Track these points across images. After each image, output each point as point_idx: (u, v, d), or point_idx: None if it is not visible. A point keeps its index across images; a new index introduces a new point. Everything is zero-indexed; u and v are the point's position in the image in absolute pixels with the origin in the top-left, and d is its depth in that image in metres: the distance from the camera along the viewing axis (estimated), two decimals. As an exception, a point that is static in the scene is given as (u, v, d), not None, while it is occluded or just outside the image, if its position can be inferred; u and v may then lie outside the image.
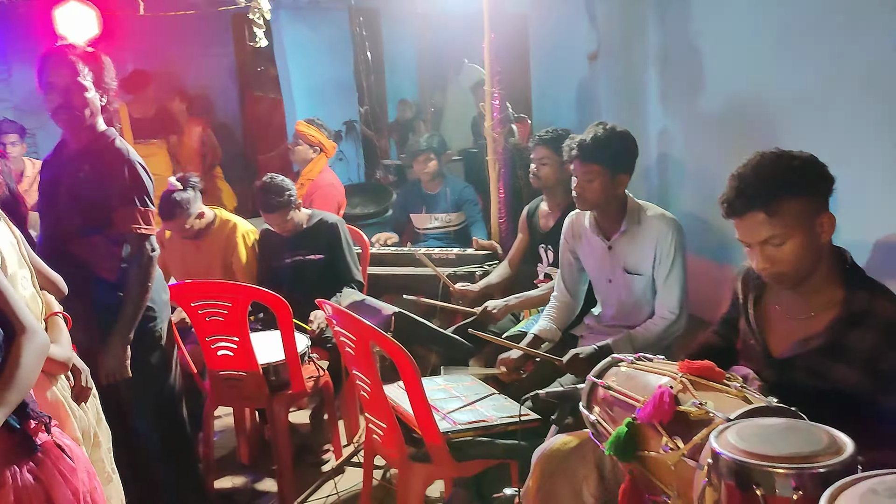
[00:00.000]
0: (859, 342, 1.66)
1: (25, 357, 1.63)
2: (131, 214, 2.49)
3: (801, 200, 1.67)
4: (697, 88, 3.52)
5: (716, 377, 1.70)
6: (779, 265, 1.71)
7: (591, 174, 2.65)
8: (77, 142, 2.54)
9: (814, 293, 1.77)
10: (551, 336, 2.91)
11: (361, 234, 4.05)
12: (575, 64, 4.65)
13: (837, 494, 1.10)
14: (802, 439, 1.28)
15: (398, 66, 6.87)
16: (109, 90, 2.53)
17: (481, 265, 3.89)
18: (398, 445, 2.44)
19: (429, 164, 4.50)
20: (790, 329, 1.80)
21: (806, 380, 1.73)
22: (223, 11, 5.33)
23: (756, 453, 1.25)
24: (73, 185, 2.49)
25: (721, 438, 1.32)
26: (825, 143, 2.59)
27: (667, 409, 1.63)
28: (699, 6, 3.43)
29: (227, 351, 3.01)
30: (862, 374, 1.65)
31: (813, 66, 2.80)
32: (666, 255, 2.65)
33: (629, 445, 1.69)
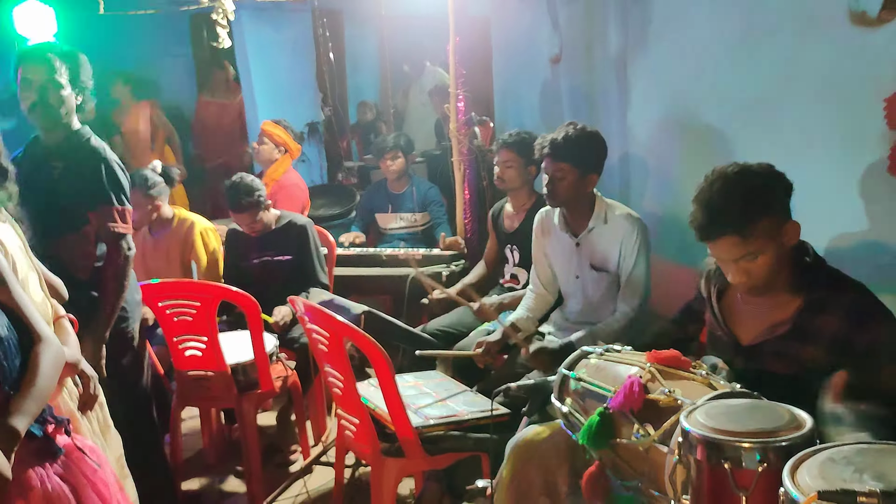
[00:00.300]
0: (823, 326, 1.77)
1: (43, 367, 1.65)
2: (108, 213, 2.48)
3: (770, 218, 1.77)
4: (657, 92, 3.60)
5: (682, 366, 1.78)
6: (753, 278, 1.81)
7: (562, 172, 2.73)
8: (51, 140, 2.53)
9: (778, 287, 1.86)
10: (527, 325, 3.01)
11: (328, 235, 4.07)
12: (537, 67, 4.72)
13: (798, 464, 1.18)
14: (766, 416, 1.36)
15: (360, 67, 6.89)
16: (86, 89, 2.52)
17: (448, 265, 3.94)
18: (371, 441, 2.47)
19: (396, 161, 4.53)
20: (757, 318, 1.90)
21: (774, 364, 1.83)
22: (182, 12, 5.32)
23: (723, 430, 1.32)
24: (46, 183, 2.47)
25: (691, 418, 1.39)
26: (779, 146, 2.72)
27: (637, 397, 1.70)
28: (658, 11, 3.51)
29: (195, 351, 3.00)
30: (827, 355, 1.75)
31: (768, 71, 2.89)
32: (630, 253, 2.74)
33: (602, 434, 1.76)
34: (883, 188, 2.49)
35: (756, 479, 1.28)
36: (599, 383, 1.84)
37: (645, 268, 2.78)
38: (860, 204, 2.56)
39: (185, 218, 3.75)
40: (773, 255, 1.78)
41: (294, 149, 4.64)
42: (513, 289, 3.47)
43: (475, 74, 4.74)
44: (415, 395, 2.66)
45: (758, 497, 1.29)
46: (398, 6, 5.60)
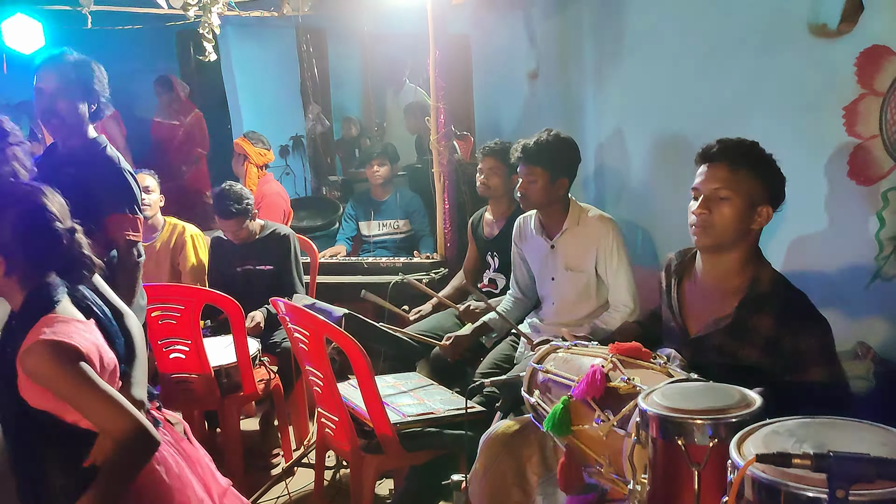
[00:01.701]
0: (758, 324, 1.86)
1: (136, 337, 1.80)
2: (122, 222, 2.53)
3: (758, 181, 1.89)
4: (630, 104, 3.71)
5: (643, 356, 1.86)
6: (711, 218, 1.89)
7: (534, 175, 2.84)
8: (67, 147, 2.59)
9: (727, 277, 1.96)
10: (499, 326, 3.10)
11: (311, 244, 4.13)
12: (516, 82, 4.82)
13: (745, 437, 1.25)
14: (718, 396, 1.44)
15: (343, 84, 6.98)
16: (100, 97, 2.57)
17: (427, 273, 4.01)
18: (350, 438, 2.53)
19: (382, 168, 4.63)
20: (704, 310, 1.99)
21: (717, 357, 1.92)
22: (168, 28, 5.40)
23: (677, 408, 1.40)
24: (63, 190, 2.51)
25: (648, 399, 1.47)
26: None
27: (598, 385, 1.78)
28: (631, 26, 3.61)
29: (179, 354, 3.06)
30: (763, 353, 1.85)
31: (734, 83, 3.00)
32: (609, 253, 2.84)
33: (565, 421, 1.83)
34: (842, 192, 2.60)
35: (708, 454, 1.36)
36: (564, 374, 1.92)
37: (627, 264, 2.89)
38: (821, 207, 2.66)
39: (176, 224, 3.84)
40: (737, 212, 1.88)
41: (252, 154, 4.72)
42: (490, 293, 3.55)
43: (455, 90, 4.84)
44: (394, 394, 2.73)
45: (710, 471, 1.36)
46: (380, 23, 5.70)
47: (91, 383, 1.55)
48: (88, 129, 2.59)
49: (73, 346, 1.55)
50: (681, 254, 2.15)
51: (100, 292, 1.81)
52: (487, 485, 2.15)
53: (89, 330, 1.64)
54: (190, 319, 2.99)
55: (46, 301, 1.62)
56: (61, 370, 1.52)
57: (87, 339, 1.60)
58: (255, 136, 4.80)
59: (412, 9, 4.24)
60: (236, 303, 3.02)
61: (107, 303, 1.80)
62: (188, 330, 3.00)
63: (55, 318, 1.59)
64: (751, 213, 1.90)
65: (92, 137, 2.60)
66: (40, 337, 1.54)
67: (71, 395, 1.55)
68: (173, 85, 6.12)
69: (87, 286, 1.75)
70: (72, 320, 1.62)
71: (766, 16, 2.85)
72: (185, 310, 2.98)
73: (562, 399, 1.85)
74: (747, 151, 1.92)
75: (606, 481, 1.78)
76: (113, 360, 1.68)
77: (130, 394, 1.69)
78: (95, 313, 1.71)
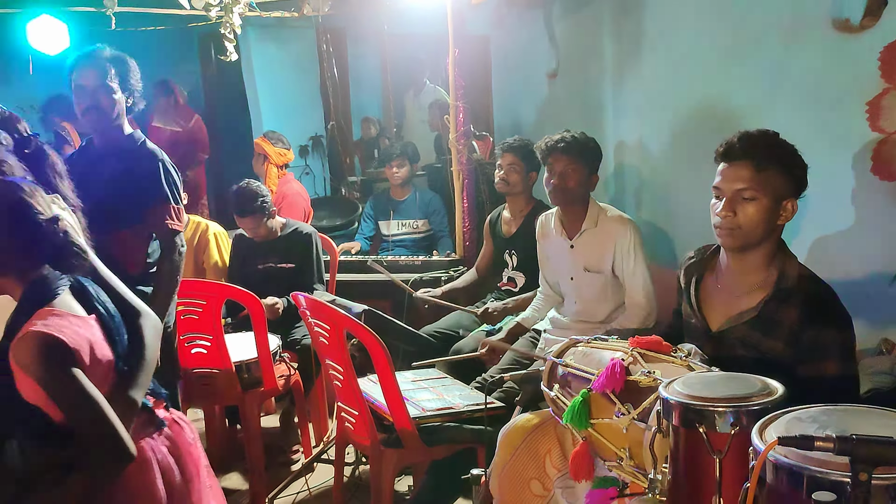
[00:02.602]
0: (783, 318, 1.84)
1: (148, 339, 1.76)
2: (166, 211, 2.57)
3: (784, 176, 1.85)
4: (650, 103, 3.70)
5: (663, 350, 1.85)
6: (736, 220, 1.86)
7: (573, 168, 2.85)
8: (105, 142, 2.64)
9: (752, 271, 1.94)
10: (533, 325, 3.11)
11: (331, 242, 4.15)
12: (535, 82, 4.81)
13: (767, 424, 1.25)
14: (739, 385, 1.43)
15: (363, 84, 7.02)
16: (135, 92, 2.63)
17: (446, 270, 4.02)
18: (370, 431, 2.54)
19: (402, 169, 4.63)
20: (727, 305, 1.97)
21: (740, 351, 1.90)
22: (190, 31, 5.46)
23: (698, 396, 1.39)
24: (102, 183, 2.55)
25: (669, 388, 1.46)
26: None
27: (618, 378, 1.77)
28: (651, 24, 3.61)
29: (200, 349, 3.08)
30: (786, 345, 1.83)
31: (756, 79, 2.99)
32: (627, 253, 2.83)
33: (584, 414, 1.83)
34: (866, 188, 2.57)
35: (729, 442, 1.35)
36: (584, 367, 1.91)
37: (645, 264, 2.88)
38: (846, 204, 2.64)
39: (199, 222, 3.88)
40: (764, 210, 1.84)
41: (272, 154, 4.75)
42: (510, 292, 3.55)
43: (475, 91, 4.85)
44: (413, 389, 2.74)
45: (731, 459, 1.35)
46: (400, 24, 5.72)
47: (70, 379, 1.53)
48: (124, 123, 2.64)
49: (59, 340, 1.52)
50: (700, 251, 2.14)
51: (112, 289, 1.80)
52: (506, 479, 2.15)
53: (85, 325, 1.62)
54: (212, 315, 3.01)
55: (43, 294, 1.61)
56: (43, 362, 1.51)
57: (79, 333, 1.58)
58: (275, 135, 4.84)
59: (431, 9, 4.25)
60: (257, 298, 3.05)
61: (119, 300, 1.79)
62: (210, 325, 3.03)
63: (50, 311, 1.58)
64: (777, 209, 1.87)
65: (129, 132, 2.65)
66: (31, 328, 1.53)
67: (50, 389, 1.53)
68: (173, 89, 6.11)
69: (87, 277, 1.73)
70: (67, 314, 1.60)
71: (789, 11, 2.84)
72: (207, 305, 3.01)
73: (581, 392, 1.84)
74: (772, 146, 1.87)
75: (627, 475, 1.77)
76: (108, 357, 1.65)
77: (127, 394, 1.66)
78: (98, 309, 1.69)
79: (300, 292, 2.78)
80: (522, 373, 2.29)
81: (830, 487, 1.07)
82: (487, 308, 3.34)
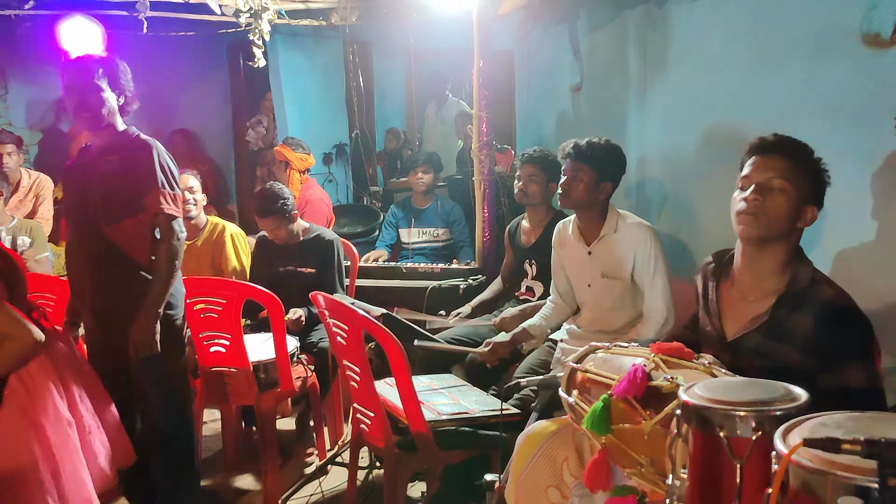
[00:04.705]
0: (797, 323, 1.82)
1: None
2: (158, 196, 2.63)
3: (809, 180, 1.86)
4: (675, 117, 3.68)
5: (685, 356, 1.83)
6: (764, 205, 1.85)
7: (580, 173, 2.83)
8: (100, 140, 2.72)
9: (766, 275, 1.92)
10: (539, 332, 3.09)
11: (352, 248, 4.17)
12: (558, 96, 4.82)
13: (790, 430, 1.23)
14: (762, 389, 1.41)
15: (388, 96, 7.08)
16: (126, 91, 2.71)
17: (465, 279, 4.02)
18: (385, 434, 2.53)
19: (426, 176, 4.66)
20: (742, 312, 1.95)
21: (756, 360, 1.88)
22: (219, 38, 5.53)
23: (719, 400, 1.37)
24: (103, 176, 2.66)
25: (689, 391, 1.45)
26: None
27: (640, 383, 1.75)
28: (677, 38, 3.60)
29: (219, 347, 3.10)
30: (802, 353, 1.80)
31: (782, 94, 2.96)
32: (647, 260, 2.81)
33: (605, 419, 1.81)
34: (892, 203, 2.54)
35: (751, 448, 1.33)
36: (604, 373, 1.89)
37: (665, 272, 2.86)
38: (871, 218, 2.61)
39: (217, 222, 3.92)
40: (786, 206, 1.84)
41: (294, 160, 4.79)
42: (528, 300, 3.54)
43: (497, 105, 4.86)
44: (428, 393, 2.73)
45: (752, 465, 1.33)
46: (425, 37, 5.77)
47: None
48: (118, 122, 2.72)
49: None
50: (718, 255, 2.12)
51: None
52: (524, 486, 2.13)
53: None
54: (231, 313, 3.03)
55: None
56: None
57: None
58: (294, 141, 4.89)
59: (456, 23, 4.28)
60: (277, 298, 3.06)
61: None
62: (229, 324, 3.04)
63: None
64: (800, 209, 1.86)
65: (122, 129, 2.74)
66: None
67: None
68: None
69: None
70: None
71: (817, 25, 2.81)
72: (227, 304, 3.03)
73: (602, 397, 1.82)
74: (803, 147, 1.90)
75: (647, 482, 1.75)
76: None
77: None
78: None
79: (319, 293, 2.78)
80: (540, 378, 2.28)
81: (857, 493, 1.04)
82: (504, 316, 3.33)
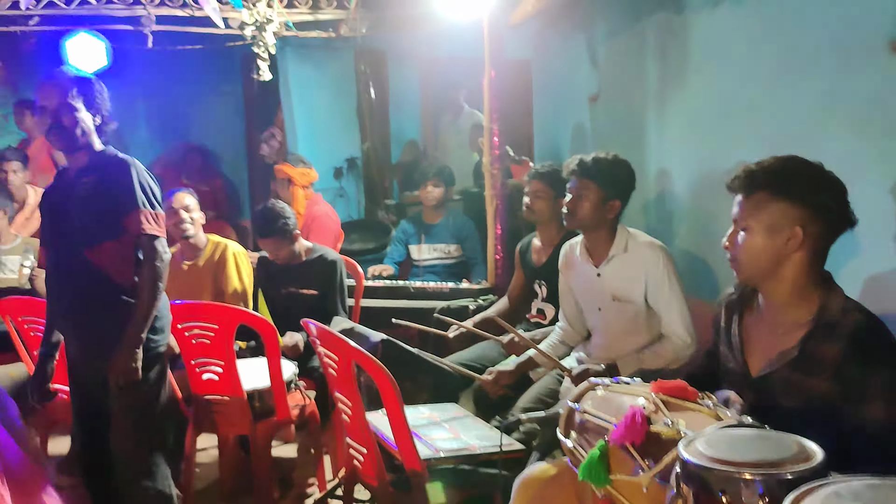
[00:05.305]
0: (827, 355, 1.65)
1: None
2: (139, 216, 2.51)
3: (781, 202, 1.70)
4: (694, 128, 3.54)
5: (689, 396, 1.68)
6: (734, 252, 1.78)
7: (586, 191, 2.68)
8: (77, 162, 2.61)
9: (791, 307, 1.76)
10: (545, 361, 2.91)
11: (357, 266, 4.04)
12: (576, 106, 4.69)
13: (802, 498, 1.07)
14: (771, 447, 1.25)
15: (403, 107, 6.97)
16: (102, 110, 2.59)
17: (474, 299, 3.88)
18: (378, 471, 2.39)
19: (436, 189, 4.50)
20: (768, 346, 1.79)
21: (782, 398, 1.71)
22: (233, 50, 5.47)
23: (723, 459, 1.21)
24: (81, 199, 2.55)
25: (690, 447, 1.29)
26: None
27: (639, 429, 1.60)
28: (696, 45, 3.47)
29: (212, 375, 2.98)
30: (832, 387, 1.63)
31: (806, 105, 2.81)
32: (660, 281, 2.64)
33: (602, 469, 1.65)
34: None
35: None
36: (602, 415, 1.74)
37: (680, 293, 2.69)
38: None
39: (219, 242, 3.81)
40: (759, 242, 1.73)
41: (296, 175, 4.67)
42: (539, 324, 3.39)
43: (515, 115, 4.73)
44: (428, 425, 2.59)
45: (759, 536, 1.17)
46: (439, 47, 5.67)
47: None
48: (95, 142, 2.61)
49: None
50: (740, 286, 1.95)
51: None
52: (520, 534, 1.98)
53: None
54: (224, 339, 2.91)
55: None
56: None
57: None
58: (294, 157, 4.80)
59: (470, 32, 4.16)
60: (271, 324, 2.94)
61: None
62: (222, 350, 2.93)
63: None
64: (775, 239, 1.71)
65: (100, 149, 2.62)
66: None
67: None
68: None
69: None
70: None
71: (843, 33, 2.65)
72: (219, 329, 2.91)
73: (598, 444, 1.67)
74: (763, 173, 1.74)
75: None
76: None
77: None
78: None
79: (310, 320, 2.65)
80: (541, 415, 2.13)
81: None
82: (513, 338, 3.16)
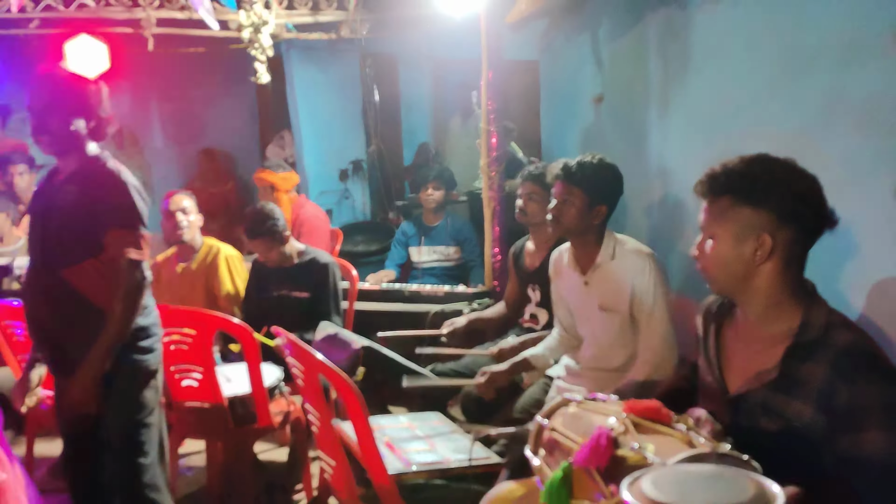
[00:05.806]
0: (809, 376, 1.52)
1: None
2: (122, 238, 2.34)
3: (745, 207, 1.61)
4: (697, 128, 3.43)
5: (662, 418, 1.56)
6: (702, 261, 1.71)
7: (571, 196, 2.57)
8: (66, 166, 2.45)
9: (769, 321, 1.64)
10: (542, 364, 2.83)
11: (350, 270, 3.96)
12: (581, 107, 4.61)
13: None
14: (725, 489, 1.12)
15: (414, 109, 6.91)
16: (97, 114, 2.43)
17: (470, 302, 3.79)
18: (347, 484, 2.29)
19: (436, 192, 4.45)
20: (746, 363, 1.67)
21: (762, 419, 1.58)
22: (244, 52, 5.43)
23: (665, 503, 1.09)
24: (64, 209, 2.38)
25: (634, 486, 1.17)
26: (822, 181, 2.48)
27: (603, 452, 1.48)
28: (698, 45, 3.36)
29: (191, 381, 2.91)
30: (816, 411, 1.50)
31: (809, 102, 2.69)
32: (645, 292, 2.51)
33: (564, 493, 1.54)
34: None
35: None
36: (570, 434, 1.63)
37: (664, 305, 2.53)
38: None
39: (212, 245, 3.77)
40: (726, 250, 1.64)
41: (277, 181, 4.59)
42: (532, 329, 3.28)
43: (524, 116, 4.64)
44: (405, 437, 2.48)
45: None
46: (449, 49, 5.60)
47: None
48: (87, 147, 2.44)
49: None
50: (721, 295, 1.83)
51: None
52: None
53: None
54: (202, 345, 2.84)
55: None
56: None
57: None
58: (273, 163, 4.75)
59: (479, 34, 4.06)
60: (249, 329, 2.86)
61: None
62: (200, 356, 2.86)
63: None
64: (743, 248, 1.60)
65: (92, 154, 2.45)
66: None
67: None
68: (215, 155, 6.30)
69: None
70: None
71: (848, 28, 2.52)
72: (198, 335, 2.84)
73: (562, 466, 1.56)
74: (725, 176, 1.64)
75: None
76: None
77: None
78: None
79: (279, 328, 2.56)
80: (511, 430, 2.01)
81: None
82: (503, 348, 3.05)
